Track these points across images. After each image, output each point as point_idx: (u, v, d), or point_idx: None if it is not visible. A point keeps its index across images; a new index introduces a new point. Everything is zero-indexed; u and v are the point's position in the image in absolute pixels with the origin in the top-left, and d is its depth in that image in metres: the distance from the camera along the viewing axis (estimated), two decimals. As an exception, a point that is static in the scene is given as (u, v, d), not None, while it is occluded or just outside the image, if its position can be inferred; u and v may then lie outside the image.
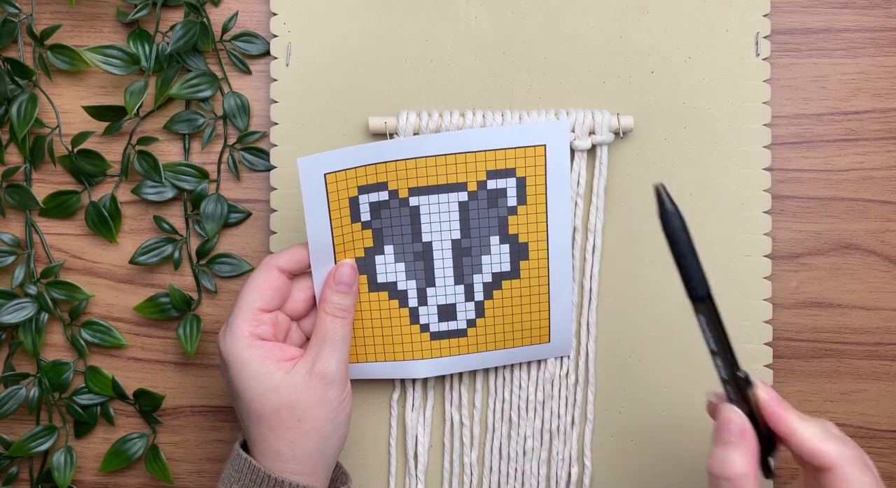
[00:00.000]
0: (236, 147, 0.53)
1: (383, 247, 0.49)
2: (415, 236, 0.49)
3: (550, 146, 0.48)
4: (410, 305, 0.50)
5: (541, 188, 0.49)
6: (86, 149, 0.53)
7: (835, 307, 0.53)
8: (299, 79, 0.53)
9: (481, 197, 0.49)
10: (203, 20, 0.52)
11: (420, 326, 0.50)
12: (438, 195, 0.48)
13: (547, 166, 0.48)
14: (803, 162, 0.53)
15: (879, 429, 0.53)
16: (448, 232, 0.49)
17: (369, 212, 0.48)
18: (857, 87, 0.53)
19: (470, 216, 0.49)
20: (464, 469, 0.53)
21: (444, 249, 0.49)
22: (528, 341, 0.51)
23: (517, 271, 0.50)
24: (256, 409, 0.44)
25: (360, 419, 0.53)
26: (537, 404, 0.52)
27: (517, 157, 0.48)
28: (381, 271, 0.49)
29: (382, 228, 0.48)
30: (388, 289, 0.49)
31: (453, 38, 0.53)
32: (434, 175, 0.48)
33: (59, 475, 0.53)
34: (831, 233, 0.53)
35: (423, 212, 0.49)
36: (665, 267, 0.52)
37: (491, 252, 0.50)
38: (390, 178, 0.47)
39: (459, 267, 0.50)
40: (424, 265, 0.49)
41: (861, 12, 0.53)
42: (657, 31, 0.52)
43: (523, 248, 0.50)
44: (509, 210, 0.49)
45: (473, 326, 0.51)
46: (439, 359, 0.51)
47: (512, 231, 0.50)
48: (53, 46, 0.52)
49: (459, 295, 0.50)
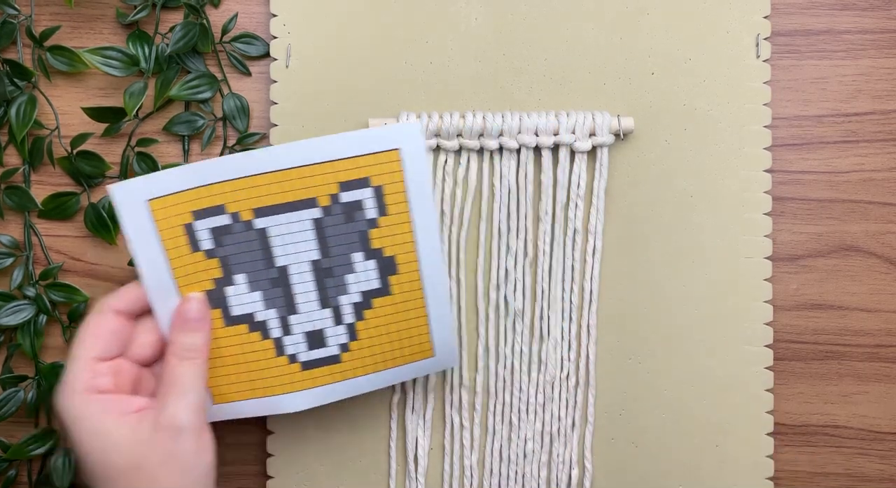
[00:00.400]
0: (236, 149, 0.53)
1: (233, 277, 0.45)
2: (267, 261, 0.45)
3: (405, 150, 0.44)
4: (273, 336, 0.46)
5: (401, 196, 0.45)
6: (85, 150, 0.53)
7: (835, 309, 0.53)
8: (299, 80, 0.53)
9: (336, 211, 0.45)
10: (203, 22, 0.52)
11: (288, 357, 0.47)
12: (287, 214, 0.44)
13: (404, 172, 0.45)
14: (804, 163, 0.53)
15: (881, 431, 0.53)
16: (304, 253, 0.45)
17: (211, 239, 0.44)
18: (858, 89, 0.53)
19: (327, 233, 0.45)
20: (464, 471, 0.53)
21: (302, 272, 0.46)
22: (411, 358, 0.48)
23: (387, 287, 0.46)
24: (101, 473, 0.39)
25: (359, 421, 0.53)
26: (538, 406, 0.52)
27: (370, 165, 0.44)
28: (235, 303, 0.45)
29: (229, 256, 0.45)
30: (247, 322, 0.46)
31: (453, 40, 0.53)
32: (280, 192, 0.44)
33: (57, 478, 0.52)
34: (832, 234, 0.53)
35: (273, 234, 0.45)
36: (666, 268, 0.52)
37: (355, 270, 0.46)
38: (228, 200, 0.44)
39: (323, 289, 0.46)
40: (283, 291, 0.46)
41: (861, 14, 0.53)
42: (657, 33, 0.52)
43: (390, 262, 0.46)
44: (369, 223, 0.45)
45: (347, 351, 0.47)
46: (314, 389, 0.47)
47: (376, 245, 0.46)
48: (53, 48, 0.52)
49: (327, 319, 0.46)
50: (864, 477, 0.53)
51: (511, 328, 0.52)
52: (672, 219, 0.52)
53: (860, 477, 0.53)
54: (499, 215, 0.52)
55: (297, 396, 0.47)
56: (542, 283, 0.52)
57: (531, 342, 0.52)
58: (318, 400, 0.48)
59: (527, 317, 0.52)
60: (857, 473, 0.53)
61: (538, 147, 0.51)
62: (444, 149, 0.51)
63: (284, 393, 0.47)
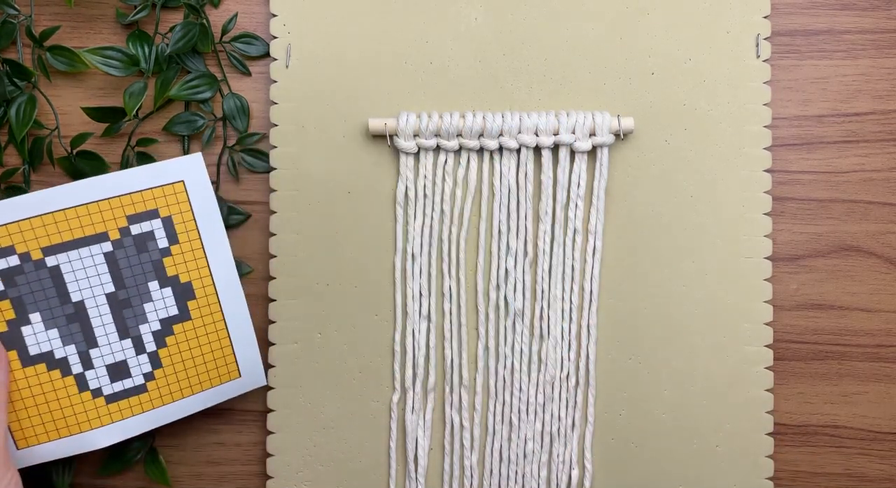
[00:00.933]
0: (236, 149, 0.53)
1: (28, 317, 0.46)
2: (62, 298, 0.46)
3: (189, 181, 0.47)
4: (75, 372, 0.47)
5: (190, 224, 0.47)
6: (85, 150, 0.53)
7: (835, 309, 0.53)
8: (299, 80, 0.52)
9: (128, 243, 0.46)
10: (203, 22, 0.52)
11: (91, 392, 0.47)
12: (79, 250, 0.46)
13: (191, 202, 0.47)
14: (804, 163, 0.53)
15: (880, 431, 0.53)
16: (99, 286, 0.46)
17: (1, 281, 0.45)
18: (858, 89, 0.53)
19: (120, 265, 0.46)
20: (464, 471, 0.53)
21: (98, 305, 0.46)
22: (218, 380, 0.50)
23: (186, 312, 0.48)
24: None
25: (359, 421, 0.53)
26: (538, 406, 0.52)
27: (157, 197, 0.47)
28: (31, 342, 0.46)
29: (22, 296, 0.45)
30: (45, 361, 0.46)
31: (453, 40, 0.53)
32: (68, 229, 0.45)
33: (57, 478, 0.52)
34: (832, 234, 0.53)
35: (66, 271, 0.46)
36: (666, 268, 0.52)
37: (153, 298, 0.47)
38: (16, 240, 0.45)
39: (121, 320, 0.47)
40: (81, 326, 0.46)
41: (862, 14, 0.53)
42: (658, 33, 0.52)
43: (187, 288, 0.48)
44: (162, 252, 0.47)
45: (153, 379, 0.48)
46: (121, 422, 0.48)
47: (171, 272, 0.47)
48: (52, 48, 0.52)
49: (129, 349, 0.47)
50: (864, 477, 0.53)
51: (511, 328, 0.52)
52: (672, 219, 0.52)
53: (860, 478, 0.53)
54: (499, 215, 0.52)
55: (103, 431, 0.48)
56: (542, 283, 0.52)
57: (531, 342, 0.52)
58: (126, 432, 0.48)
59: (527, 317, 0.52)
60: (857, 473, 0.53)
61: (538, 147, 0.51)
62: (444, 149, 0.51)
63: (92, 428, 0.47)
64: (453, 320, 0.52)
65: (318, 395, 0.53)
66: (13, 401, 0.46)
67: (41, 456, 0.47)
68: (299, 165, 0.52)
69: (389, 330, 0.53)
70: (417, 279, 0.52)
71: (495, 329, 0.53)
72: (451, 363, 0.52)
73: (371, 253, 0.53)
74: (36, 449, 0.47)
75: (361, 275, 0.53)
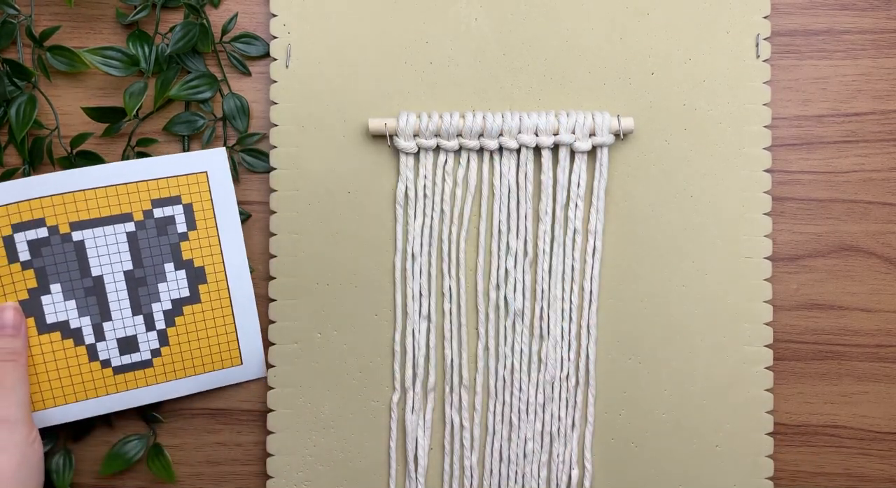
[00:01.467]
0: (236, 149, 0.53)
1: (49, 287, 0.49)
2: (83, 271, 0.49)
3: (212, 172, 0.50)
4: (87, 342, 0.50)
5: (209, 213, 0.50)
6: (85, 150, 0.53)
7: (835, 309, 0.53)
8: (299, 80, 0.53)
9: (150, 226, 0.50)
10: (203, 22, 0.52)
11: (100, 362, 0.50)
12: (104, 227, 0.49)
13: (212, 192, 0.50)
14: (804, 163, 0.53)
15: (880, 431, 0.53)
16: (119, 263, 0.49)
17: (28, 250, 0.48)
18: (858, 89, 0.53)
19: (140, 245, 0.49)
20: (464, 471, 0.53)
21: (116, 281, 0.49)
22: (220, 365, 0.52)
23: (197, 296, 0.51)
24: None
25: (359, 421, 0.53)
26: (538, 406, 0.52)
27: (181, 185, 0.50)
28: (49, 311, 0.49)
29: (46, 267, 0.48)
30: (60, 329, 0.49)
31: (453, 40, 0.53)
32: (96, 207, 0.49)
33: (57, 478, 0.52)
34: (832, 234, 0.53)
35: (90, 246, 0.49)
36: (666, 268, 0.52)
37: (167, 279, 0.50)
38: (48, 214, 0.48)
39: (136, 297, 0.50)
40: (98, 300, 0.49)
41: (861, 14, 0.53)
42: (657, 33, 0.52)
43: (200, 272, 0.51)
44: (180, 236, 0.50)
45: (159, 356, 0.51)
46: (124, 392, 0.51)
47: (186, 256, 0.50)
48: (52, 48, 0.52)
49: (140, 325, 0.50)
50: (863, 476, 0.53)
51: (511, 328, 0.52)
52: (672, 219, 0.52)
53: (860, 477, 0.53)
54: (499, 215, 0.52)
55: (110, 399, 0.51)
56: (542, 283, 0.52)
57: (531, 342, 0.52)
58: (128, 402, 0.51)
59: (527, 317, 0.52)
60: (856, 473, 0.53)
61: (538, 147, 0.51)
62: (444, 149, 0.51)
63: (97, 396, 0.50)
64: (453, 320, 0.52)
65: (318, 395, 0.53)
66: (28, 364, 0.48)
67: (51, 419, 0.50)
68: (299, 165, 0.52)
69: (389, 330, 0.53)
70: (417, 279, 0.52)
71: (495, 329, 0.53)
72: (451, 363, 0.52)
73: (371, 253, 0.53)
74: (47, 412, 0.50)
75: (361, 275, 0.53)
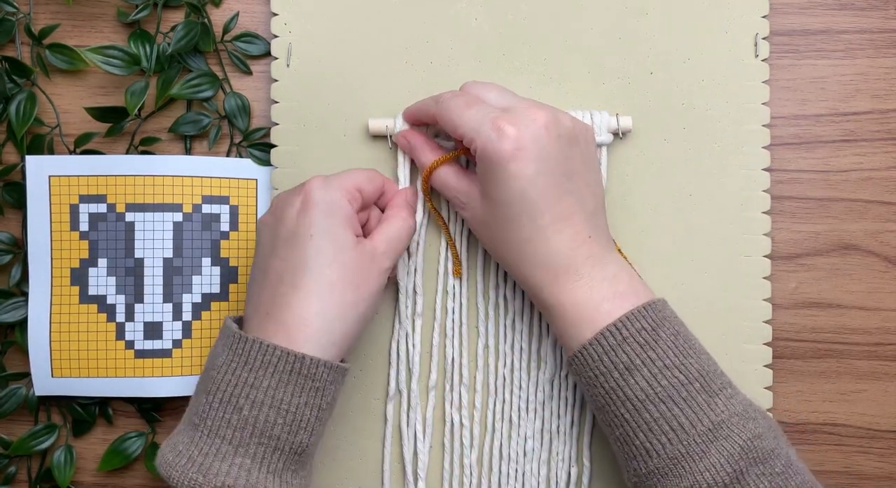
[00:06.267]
0: (243, 145, 0.53)
1: (97, 260, 0.51)
2: (128, 251, 0.51)
3: (261, 182, 0.53)
4: (118, 320, 0.51)
5: (252, 217, 0.53)
6: (87, 149, 0.53)
7: (834, 307, 0.53)
8: (300, 79, 0.53)
9: (196, 219, 0.52)
10: (204, 21, 0.52)
11: (125, 342, 0.52)
12: (154, 213, 0.51)
13: (258, 199, 0.53)
14: (802, 162, 0.53)
15: (879, 430, 0.53)
16: (161, 250, 0.51)
17: (88, 222, 0.51)
18: (856, 88, 0.53)
19: (184, 236, 0.52)
20: (464, 470, 0.53)
21: (155, 266, 0.51)
22: None
23: (226, 293, 0.52)
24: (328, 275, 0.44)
25: (359, 419, 0.53)
26: (537, 405, 0.52)
27: (232, 187, 0.52)
28: (92, 284, 0.51)
29: (98, 240, 0.51)
30: (98, 302, 0.51)
31: (453, 40, 0.53)
32: (151, 193, 0.51)
33: (59, 473, 0.52)
34: (830, 233, 0.53)
35: (138, 229, 0.51)
36: (665, 267, 0.52)
37: (202, 273, 0.52)
38: (110, 192, 0.51)
39: (169, 285, 0.52)
40: (135, 281, 0.51)
41: (860, 14, 0.53)
42: (656, 33, 0.52)
43: (233, 272, 0.52)
44: (222, 234, 0.52)
45: (179, 347, 0.52)
46: (142, 379, 0.52)
47: (224, 254, 0.52)
48: (52, 45, 0.52)
49: (167, 313, 0.52)
50: (862, 474, 0.53)
51: (511, 326, 0.52)
52: (671, 218, 0.53)
53: (859, 475, 0.53)
54: (499, 214, 0.52)
55: (125, 382, 0.52)
56: (541, 282, 0.52)
57: (531, 340, 0.52)
58: (142, 391, 0.52)
59: (526, 316, 0.52)
60: (855, 471, 0.53)
61: (538, 146, 0.51)
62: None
63: (116, 376, 0.52)
64: (454, 318, 0.52)
65: (318, 393, 0.53)
66: (63, 332, 0.51)
67: (68, 389, 0.52)
68: (300, 164, 0.53)
69: (389, 329, 0.53)
70: (413, 277, 0.52)
71: (495, 327, 0.53)
72: (451, 361, 0.52)
73: (371, 251, 0.53)
74: (66, 380, 0.52)
75: (362, 273, 0.53)
